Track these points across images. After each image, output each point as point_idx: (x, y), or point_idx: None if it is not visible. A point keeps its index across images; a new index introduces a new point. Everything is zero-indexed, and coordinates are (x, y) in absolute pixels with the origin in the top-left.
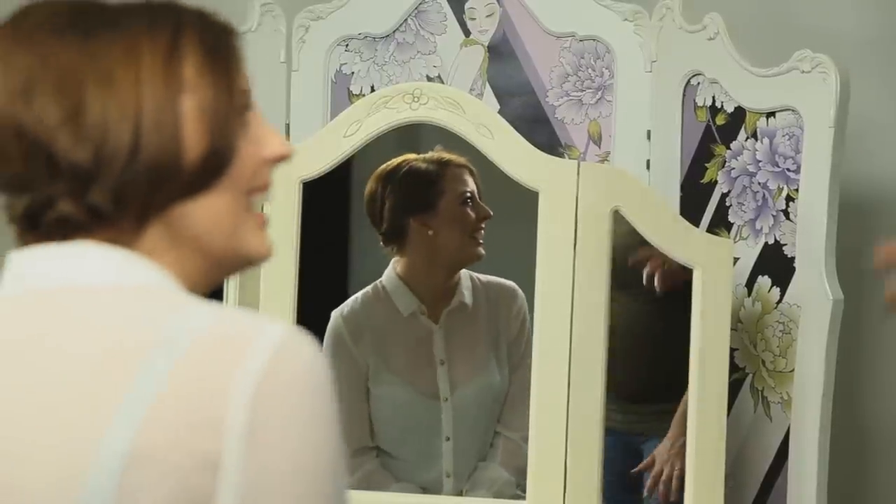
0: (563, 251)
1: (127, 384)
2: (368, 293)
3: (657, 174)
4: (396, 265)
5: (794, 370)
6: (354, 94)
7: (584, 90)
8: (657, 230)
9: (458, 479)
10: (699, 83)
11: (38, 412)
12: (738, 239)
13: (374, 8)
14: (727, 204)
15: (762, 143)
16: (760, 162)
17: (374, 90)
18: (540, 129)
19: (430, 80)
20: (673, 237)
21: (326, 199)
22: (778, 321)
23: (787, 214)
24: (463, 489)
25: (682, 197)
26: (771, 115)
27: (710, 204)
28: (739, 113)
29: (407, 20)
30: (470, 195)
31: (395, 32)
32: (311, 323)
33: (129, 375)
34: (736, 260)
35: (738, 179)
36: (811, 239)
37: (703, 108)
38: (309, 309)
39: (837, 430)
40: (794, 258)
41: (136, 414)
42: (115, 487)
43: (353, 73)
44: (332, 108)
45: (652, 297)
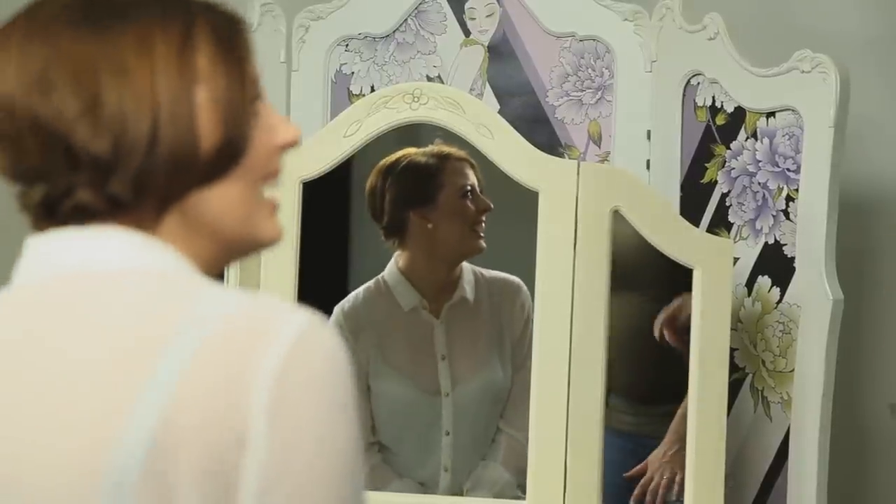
0: (563, 251)
1: (153, 365)
2: (370, 288)
3: (657, 174)
4: (398, 259)
5: (794, 370)
6: (354, 94)
7: (584, 90)
8: (657, 230)
9: (455, 474)
10: (699, 83)
11: (64, 395)
12: (738, 239)
13: (374, 8)
14: (727, 204)
15: (762, 143)
16: (760, 162)
17: (374, 90)
18: (540, 129)
19: (430, 80)
20: (673, 237)
21: (326, 199)
22: (778, 321)
23: (787, 214)
24: (463, 487)
25: (682, 197)
26: (771, 115)
27: (710, 204)
28: (739, 113)
29: (407, 20)
30: (470, 188)
31: (395, 32)
32: None
33: (155, 357)
34: (736, 260)
35: (738, 179)
36: (811, 239)
37: (703, 108)
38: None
39: (837, 430)
40: (794, 258)
41: (162, 394)
42: (141, 466)
43: (353, 73)
44: (332, 108)
45: (662, 297)
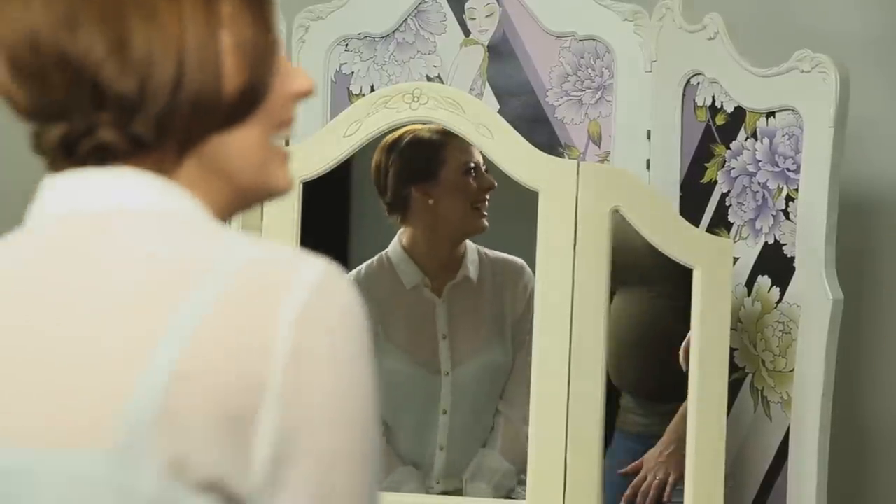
0: (563, 251)
1: (173, 306)
2: (373, 264)
3: (657, 174)
4: (402, 236)
5: (794, 370)
6: (354, 94)
7: (583, 90)
8: (657, 230)
9: (450, 454)
10: (699, 83)
11: (85, 332)
12: (737, 239)
13: (373, 8)
14: (727, 204)
15: (762, 142)
16: (760, 162)
17: (373, 90)
18: (540, 128)
19: (429, 79)
20: (673, 237)
21: (326, 199)
22: (778, 321)
23: (786, 214)
24: (462, 477)
25: (682, 197)
26: (771, 114)
27: (709, 204)
28: (739, 113)
29: (407, 20)
30: (473, 165)
31: (394, 32)
32: None
33: (175, 297)
34: (736, 260)
35: (737, 179)
36: (811, 239)
37: (702, 107)
38: None
39: (837, 430)
40: (793, 258)
41: (182, 336)
42: (158, 405)
43: (352, 72)
44: (331, 108)
45: (672, 293)
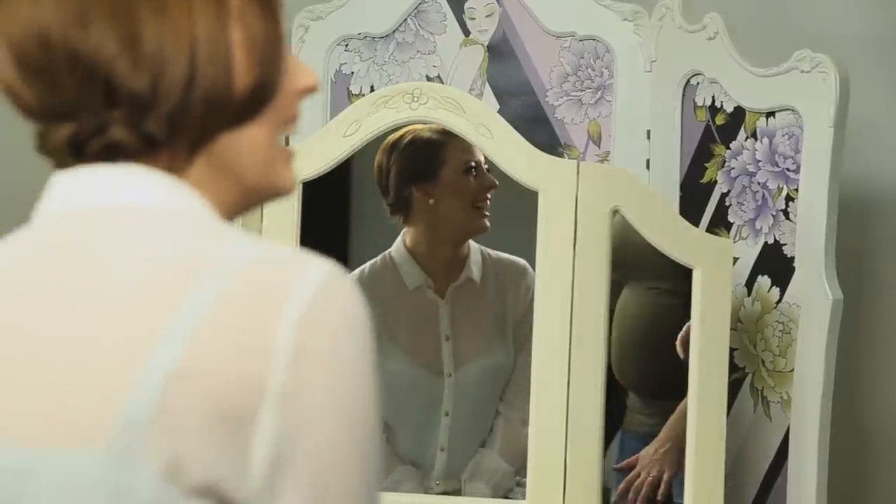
0: (563, 251)
1: (176, 304)
2: (376, 264)
3: (657, 174)
4: (405, 236)
5: (793, 370)
6: (354, 94)
7: (583, 90)
8: (657, 230)
9: (451, 455)
10: (699, 83)
11: (86, 329)
12: (737, 239)
13: (373, 8)
14: (727, 204)
15: (762, 142)
16: (760, 162)
17: (373, 90)
18: (540, 128)
19: (429, 79)
20: (673, 237)
21: (326, 199)
22: (778, 321)
23: (786, 214)
24: (461, 477)
25: (681, 197)
26: (771, 114)
27: (709, 204)
28: (739, 113)
29: (406, 20)
30: (474, 165)
31: (394, 32)
32: None
33: (177, 296)
34: (736, 260)
35: (737, 179)
36: (811, 239)
37: (702, 107)
38: None
39: (837, 430)
40: (793, 258)
41: (183, 334)
42: (156, 405)
43: (352, 72)
44: (331, 108)
45: (677, 291)
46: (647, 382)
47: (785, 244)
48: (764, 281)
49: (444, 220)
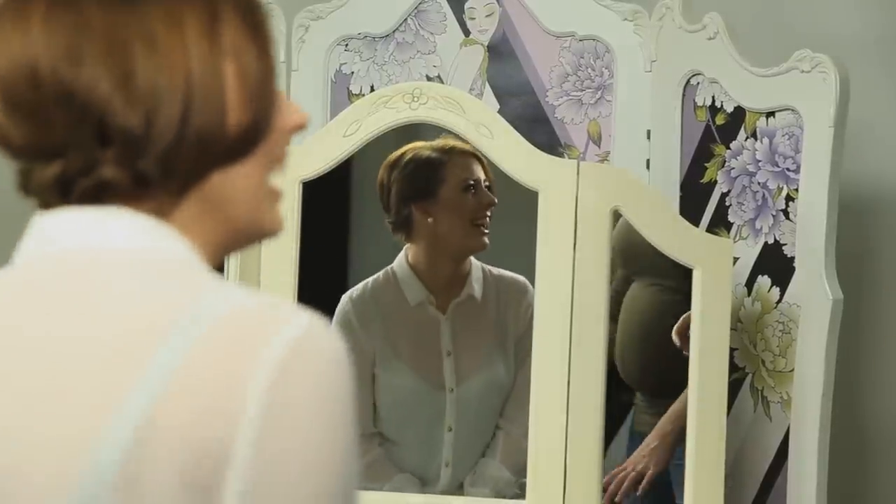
0: (563, 251)
1: (143, 362)
2: (379, 279)
3: (657, 174)
4: (408, 253)
5: (793, 370)
6: (354, 93)
7: (583, 90)
8: (657, 230)
9: (456, 469)
10: (699, 83)
11: (54, 383)
12: (737, 239)
13: (373, 8)
14: (727, 204)
15: (762, 142)
16: (760, 162)
17: (373, 90)
18: (540, 128)
19: (429, 79)
20: (673, 237)
21: (326, 199)
22: (778, 321)
23: (786, 214)
24: (463, 483)
25: (681, 197)
26: (771, 114)
27: (709, 204)
28: (739, 113)
29: (407, 20)
30: (473, 183)
31: (394, 32)
32: None
33: (146, 354)
34: (736, 260)
35: (737, 179)
36: (811, 239)
37: (702, 107)
38: (308, 309)
39: (837, 430)
40: (793, 258)
41: (148, 394)
42: (118, 465)
43: (352, 72)
44: (332, 108)
45: (676, 287)
46: (648, 380)
47: (785, 244)
48: (764, 281)
49: (443, 238)
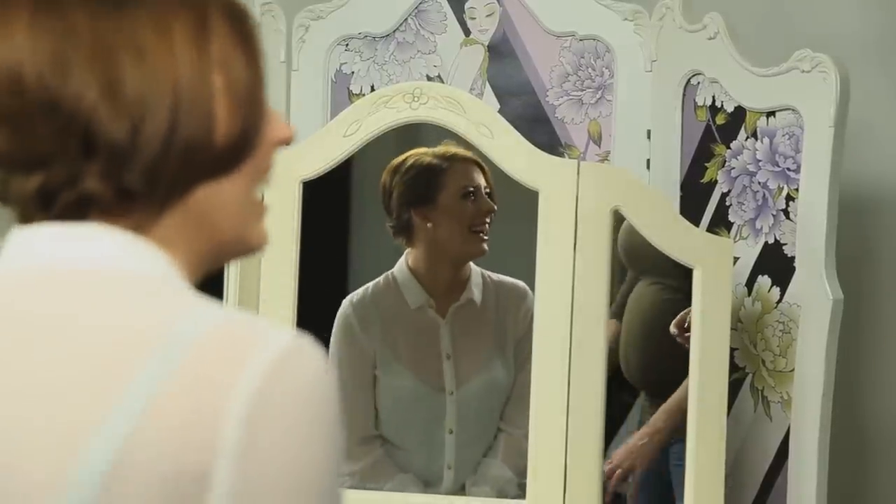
0: (563, 251)
1: (121, 387)
2: (379, 283)
3: (657, 174)
4: (408, 257)
5: (794, 370)
6: (354, 93)
7: (584, 90)
8: (657, 230)
9: (458, 471)
10: (699, 83)
11: (27, 403)
12: (738, 238)
13: (374, 7)
14: (727, 203)
15: (762, 142)
16: (760, 161)
17: (374, 90)
18: (540, 128)
19: (430, 79)
20: (673, 237)
21: (326, 198)
22: (778, 321)
23: (787, 214)
24: (465, 483)
25: (682, 197)
26: (771, 114)
27: (710, 203)
28: (739, 112)
29: (407, 20)
30: (473, 190)
31: (395, 32)
32: (310, 323)
33: (124, 377)
34: (736, 259)
35: (738, 179)
36: (811, 239)
37: (703, 107)
38: (308, 309)
39: (837, 430)
40: (794, 258)
41: (126, 420)
42: (97, 494)
43: (353, 72)
44: (332, 107)
45: (678, 286)
46: (651, 378)
47: (785, 244)
48: (764, 281)
49: (442, 243)
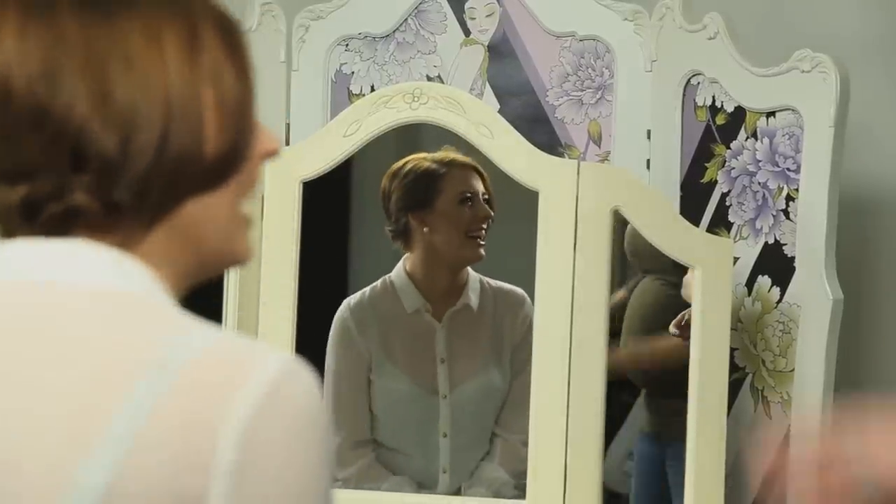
0: (563, 251)
1: (111, 410)
2: (377, 287)
3: (657, 174)
4: (406, 261)
5: (794, 370)
6: (354, 93)
7: (584, 90)
8: (657, 230)
9: (453, 475)
10: (699, 83)
11: (14, 434)
12: (738, 238)
13: (374, 8)
14: (727, 203)
15: (762, 142)
16: (760, 161)
17: (374, 90)
18: (540, 128)
19: (430, 79)
20: (673, 237)
21: (326, 199)
22: (778, 321)
23: (787, 214)
24: (461, 486)
25: (682, 197)
26: (771, 114)
27: (710, 204)
28: (739, 112)
29: (407, 20)
30: (470, 195)
31: (395, 32)
32: (310, 323)
33: (114, 401)
34: (736, 259)
35: (738, 179)
36: (811, 239)
37: (702, 107)
38: (308, 309)
39: None
40: (794, 258)
41: (118, 444)
42: None
43: (353, 72)
44: (332, 107)
45: (678, 283)
46: (650, 377)
47: (785, 244)
48: (764, 281)
49: (438, 248)
